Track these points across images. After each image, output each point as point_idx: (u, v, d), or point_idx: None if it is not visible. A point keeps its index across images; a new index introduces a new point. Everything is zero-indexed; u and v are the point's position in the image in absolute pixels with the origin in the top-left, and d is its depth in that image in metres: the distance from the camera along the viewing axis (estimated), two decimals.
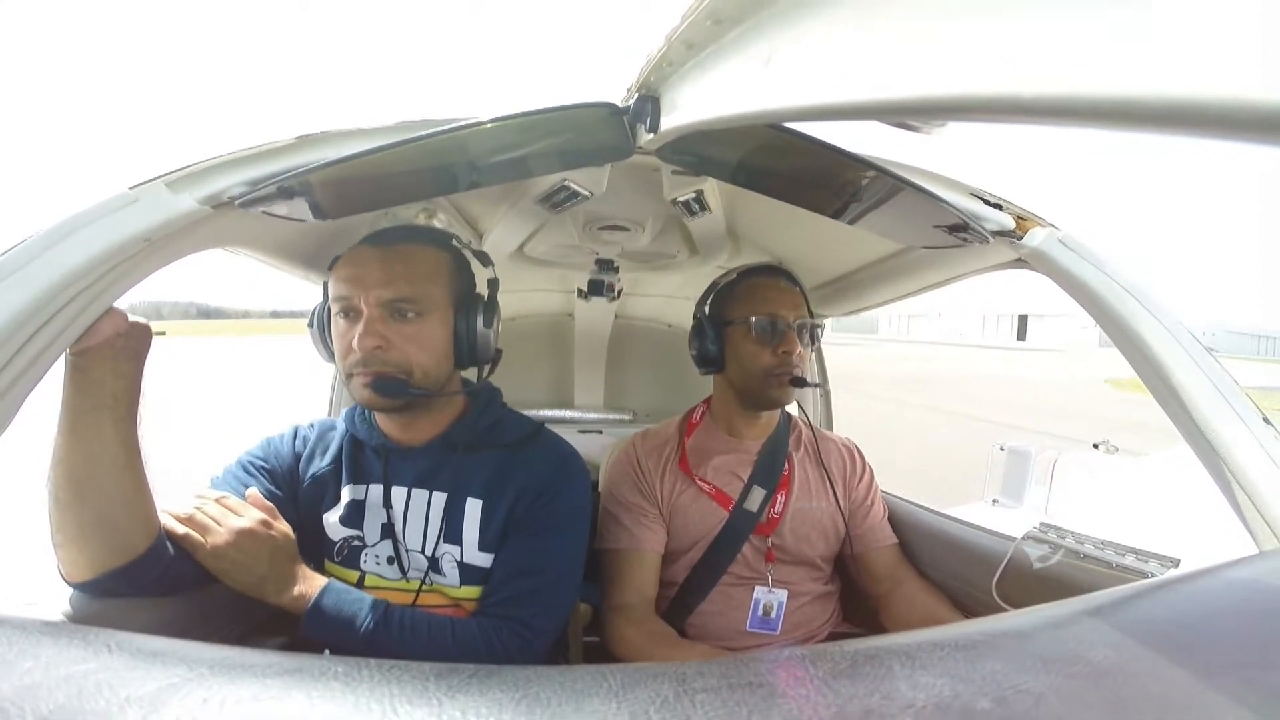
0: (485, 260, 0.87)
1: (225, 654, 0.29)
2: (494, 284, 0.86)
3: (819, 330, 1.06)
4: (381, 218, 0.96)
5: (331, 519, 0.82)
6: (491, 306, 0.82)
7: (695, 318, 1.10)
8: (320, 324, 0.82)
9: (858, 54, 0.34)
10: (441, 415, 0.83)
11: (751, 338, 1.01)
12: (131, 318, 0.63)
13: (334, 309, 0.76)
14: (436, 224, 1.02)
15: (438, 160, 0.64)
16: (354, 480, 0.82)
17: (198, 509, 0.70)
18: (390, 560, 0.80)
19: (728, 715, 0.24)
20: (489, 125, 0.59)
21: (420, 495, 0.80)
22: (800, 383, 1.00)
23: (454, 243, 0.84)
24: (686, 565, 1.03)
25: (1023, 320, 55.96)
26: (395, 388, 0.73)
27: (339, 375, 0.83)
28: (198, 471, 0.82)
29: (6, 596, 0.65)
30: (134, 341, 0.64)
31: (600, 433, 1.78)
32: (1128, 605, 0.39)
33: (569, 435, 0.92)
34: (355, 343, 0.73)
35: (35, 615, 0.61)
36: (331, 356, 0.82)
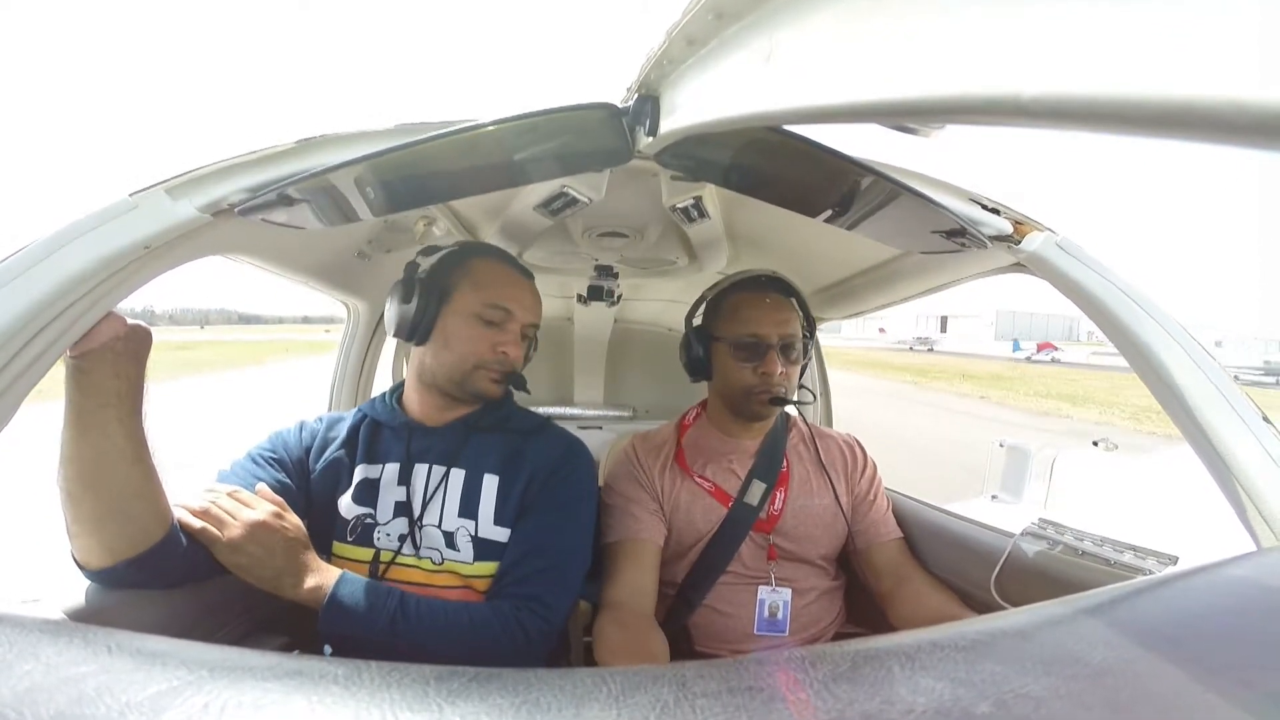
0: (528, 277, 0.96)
1: (226, 656, 0.29)
2: None
3: (809, 344, 1.05)
4: (380, 224, 0.96)
5: (345, 501, 0.83)
6: None
7: (685, 329, 1.11)
8: (428, 300, 0.85)
9: (859, 51, 0.33)
10: (471, 402, 0.90)
11: (733, 356, 1.01)
12: (131, 321, 0.63)
13: (478, 309, 0.85)
14: (436, 231, 1.02)
15: (438, 165, 0.64)
16: (368, 460, 0.85)
17: (212, 502, 0.71)
18: (403, 537, 0.81)
19: None
20: (489, 127, 0.59)
21: (439, 470, 0.84)
22: (780, 402, 1.00)
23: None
24: (688, 564, 1.03)
25: (944, 320, 72.14)
26: (517, 381, 0.91)
27: (433, 361, 0.87)
28: None
29: (8, 592, 0.65)
30: (134, 344, 0.64)
31: (600, 428, 1.79)
32: (1127, 603, 0.39)
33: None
34: (504, 349, 0.87)
35: (35, 613, 0.61)
36: (416, 335, 0.86)
